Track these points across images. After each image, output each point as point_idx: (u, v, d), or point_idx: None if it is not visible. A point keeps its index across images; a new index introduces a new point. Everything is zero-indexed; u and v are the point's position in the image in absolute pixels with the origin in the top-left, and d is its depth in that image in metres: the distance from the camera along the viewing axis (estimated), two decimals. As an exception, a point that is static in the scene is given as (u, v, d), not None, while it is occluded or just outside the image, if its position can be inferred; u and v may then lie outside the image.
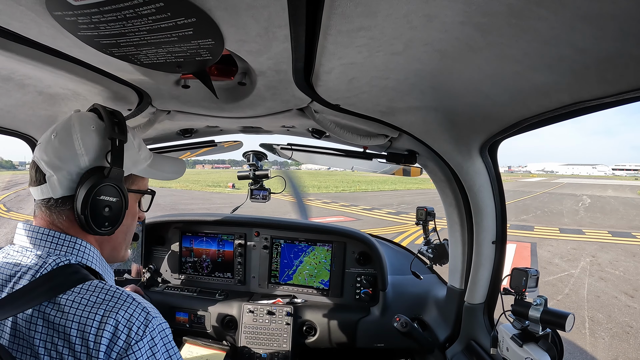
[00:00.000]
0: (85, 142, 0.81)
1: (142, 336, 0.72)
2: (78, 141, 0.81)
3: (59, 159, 0.80)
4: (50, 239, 0.81)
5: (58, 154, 0.81)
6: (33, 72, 0.95)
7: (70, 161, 0.81)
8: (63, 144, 0.81)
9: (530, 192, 33.03)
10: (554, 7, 0.56)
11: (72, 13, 0.59)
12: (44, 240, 0.81)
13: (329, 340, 2.10)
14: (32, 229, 0.83)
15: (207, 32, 0.65)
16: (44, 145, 0.82)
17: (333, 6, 0.58)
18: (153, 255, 2.43)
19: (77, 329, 0.70)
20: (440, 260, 1.87)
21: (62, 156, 0.80)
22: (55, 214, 0.83)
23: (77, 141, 0.81)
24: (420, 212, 1.93)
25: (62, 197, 0.81)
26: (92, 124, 0.84)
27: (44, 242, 0.81)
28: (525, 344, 1.25)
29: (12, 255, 0.81)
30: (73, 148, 0.81)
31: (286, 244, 2.30)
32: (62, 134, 0.82)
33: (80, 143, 0.81)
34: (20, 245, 0.83)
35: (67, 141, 0.81)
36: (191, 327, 2.20)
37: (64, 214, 0.83)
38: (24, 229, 0.84)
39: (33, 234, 0.82)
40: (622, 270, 8.18)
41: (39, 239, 0.81)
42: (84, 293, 0.74)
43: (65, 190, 0.81)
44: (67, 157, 0.80)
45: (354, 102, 1.14)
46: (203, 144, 1.94)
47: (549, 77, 0.79)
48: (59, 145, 0.81)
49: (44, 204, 0.83)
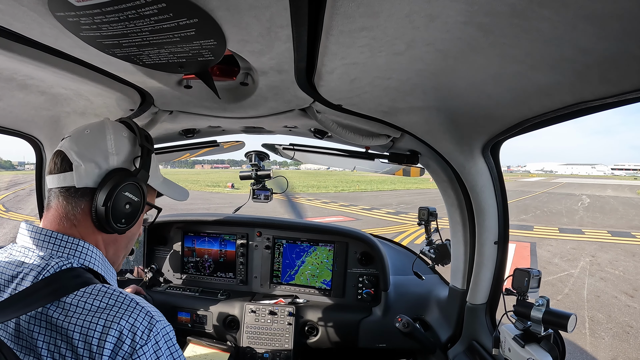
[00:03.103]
0: (117, 144, 0.87)
1: (146, 340, 0.72)
2: (111, 141, 0.86)
3: (89, 151, 0.84)
4: (53, 240, 0.81)
5: (90, 147, 0.84)
6: (35, 72, 0.95)
7: (101, 156, 0.85)
8: (96, 139, 0.86)
9: (529, 192, 33.03)
10: (556, 7, 0.55)
11: (74, 14, 0.59)
12: (46, 242, 0.81)
13: (331, 340, 2.10)
14: (35, 230, 0.83)
15: (209, 33, 0.65)
16: (75, 137, 0.86)
17: (335, 6, 0.58)
18: (155, 255, 2.43)
19: (80, 332, 0.70)
20: (442, 261, 1.87)
21: (93, 150, 0.84)
22: (71, 204, 0.84)
23: (109, 141, 0.86)
24: (422, 213, 1.93)
25: (83, 188, 0.83)
26: (124, 132, 0.90)
27: (47, 244, 0.81)
28: (527, 345, 1.25)
29: (15, 256, 0.81)
30: (105, 146, 0.86)
31: (288, 244, 2.30)
32: (96, 132, 0.86)
33: (112, 143, 0.86)
34: (23, 245, 0.83)
35: (100, 138, 0.86)
36: (193, 327, 2.20)
37: (81, 206, 0.84)
38: (27, 229, 0.84)
39: (36, 234, 0.82)
40: (622, 270, 8.19)
41: (41, 240, 0.81)
42: (87, 297, 0.74)
43: (90, 181, 0.83)
44: (98, 152, 0.85)
45: (356, 102, 1.14)
46: (205, 144, 1.93)
47: (552, 77, 0.79)
48: (92, 140, 0.85)
49: (62, 192, 0.84)
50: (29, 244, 0.82)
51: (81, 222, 0.84)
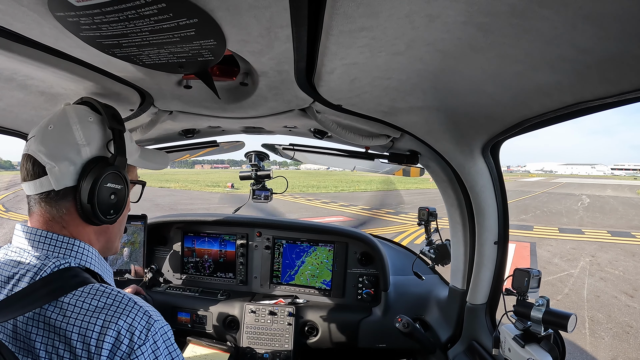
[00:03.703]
0: (86, 133, 0.82)
1: (144, 340, 0.72)
2: (78, 132, 0.81)
3: (59, 149, 0.79)
4: (48, 241, 0.80)
5: (58, 145, 0.79)
6: (35, 72, 0.95)
7: (72, 151, 0.80)
8: (62, 135, 0.80)
9: (529, 192, 33.03)
10: (556, 7, 0.55)
11: (74, 14, 0.59)
12: (41, 242, 0.80)
13: (331, 341, 2.10)
14: (29, 231, 0.82)
15: (209, 33, 0.65)
16: (40, 136, 0.80)
17: (335, 6, 0.58)
18: (155, 255, 2.43)
19: (79, 333, 0.70)
20: (442, 261, 1.87)
21: (62, 147, 0.79)
22: (55, 208, 0.81)
23: (77, 132, 0.81)
24: (422, 213, 1.93)
25: (63, 189, 0.80)
26: (89, 116, 0.84)
27: (42, 244, 0.80)
28: (527, 345, 1.25)
29: (10, 257, 0.81)
30: (74, 139, 0.80)
31: (288, 244, 2.29)
32: (60, 125, 0.80)
33: (80, 134, 0.81)
34: (18, 246, 0.82)
35: (66, 132, 0.80)
36: (193, 327, 2.20)
37: (65, 207, 0.82)
38: (21, 230, 0.83)
39: (31, 235, 0.81)
40: (622, 269, 8.19)
41: (36, 240, 0.80)
42: (84, 297, 0.73)
43: (68, 180, 0.80)
44: (68, 147, 0.80)
45: (356, 103, 1.14)
46: (205, 145, 1.93)
47: (551, 77, 0.79)
48: (58, 136, 0.80)
49: (42, 198, 0.81)
50: (24, 244, 0.81)
51: (69, 222, 0.83)
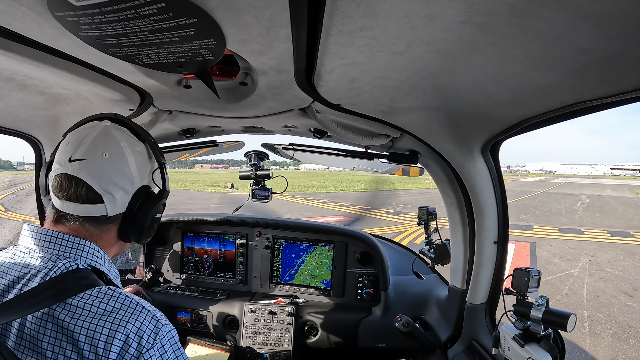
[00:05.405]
0: (138, 165, 0.88)
1: (152, 344, 0.73)
2: (133, 164, 0.86)
3: (116, 179, 0.84)
4: (59, 241, 0.81)
5: (115, 175, 0.83)
6: (35, 72, 0.95)
7: (128, 182, 0.86)
8: (118, 165, 0.84)
9: (529, 192, 33.03)
10: (556, 6, 0.55)
11: (74, 13, 0.59)
12: (52, 242, 0.81)
13: (331, 340, 2.11)
14: (39, 231, 0.82)
15: (209, 33, 0.65)
16: (94, 163, 0.81)
17: (334, 6, 0.58)
18: (155, 255, 2.43)
19: (87, 335, 0.70)
20: (442, 260, 1.87)
21: (120, 178, 0.84)
22: (99, 228, 0.86)
23: (132, 164, 0.86)
24: (422, 212, 1.93)
25: (114, 215, 0.85)
26: (138, 146, 0.89)
27: (52, 245, 0.81)
28: (527, 344, 1.25)
29: (19, 257, 0.81)
30: (129, 170, 0.86)
31: (288, 244, 2.29)
32: (115, 155, 0.84)
33: (134, 166, 0.87)
34: (27, 247, 0.82)
35: (122, 163, 0.85)
36: (193, 327, 2.20)
37: (109, 228, 0.87)
38: (29, 230, 0.83)
39: (40, 235, 0.82)
40: (622, 269, 8.19)
41: (46, 241, 0.81)
42: (93, 300, 0.74)
43: (120, 208, 0.86)
44: (125, 178, 0.85)
45: (356, 102, 1.14)
46: (205, 144, 1.93)
47: (551, 77, 0.79)
48: (115, 165, 0.83)
49: (89, 220, 0.83)
50: (32, 245, 0.82)
51: (105, 239, 0.88)
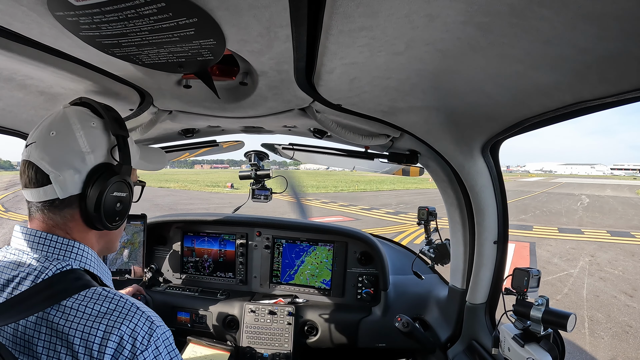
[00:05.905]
0: (90, 140, 0.80)
1: (147, 346, 0.72)
2: (82, 139, 0.79)
3: (64, 157, 0.77)
4: (48, 242, 0.79)
5: (62, 153, 0.78)
6: (35, 72, 0.95)
7: (77, 159, 0.78)
8: (66, 142, 0.78)
9: (529, 192, 33.05)
10: (556, 6, 0.55)
11: (74, 13, 0.59)
12: (42, 244, 0.79)
13: (331, 340, 2.11)
14: (29, 232, 0.80)
15: (209, 32, 0.65)
16: (41, 143, 0.78)
17: (334, 6, 0.58)
18: (155, 255, 2.43)
19: (81, 337, 0.69)
20: (442, 260, 1.87)
21: (67, 155, 0.78)
22: (59, 215, 0.80)
23: (80, 139, 0.79)
24: (422, 212, 1.93)
25: (68, 197, 0.79)
26: (92, 121, 0.82)
27: (43, 246, 0.79)
28: (527, 344, 1.25)
29: (9, 259, 0.79)
30: (78, 146, 0.78)
31: (288, 244, 2.30)
32: (63, 132, 0.78)
33: (84, 141, 0.79)
34: (18, 248, 0.81)
35: (70, 139, 0.78)
36: (193, 327, 2.20)
37: (69, 213, 0.81)
38: (21, 231, 0.82)
39: (31, 237, 0.80)
40: (621, 269, 8.19)
41: (37, 242, 0.79)
42: (87, 301, 0.73)
43: (74, 189, 0.79)
44: (73, 155, 0.78)
45: (356, 102, 1.14)
46: (205, 144, 1.93)
47: (551, 77, 0.79)
48: (62, 143, 0.78)
49: (46, 206, 0.79)
50: (24, 246, 0.80)
51: (73, 228, 0.82)
